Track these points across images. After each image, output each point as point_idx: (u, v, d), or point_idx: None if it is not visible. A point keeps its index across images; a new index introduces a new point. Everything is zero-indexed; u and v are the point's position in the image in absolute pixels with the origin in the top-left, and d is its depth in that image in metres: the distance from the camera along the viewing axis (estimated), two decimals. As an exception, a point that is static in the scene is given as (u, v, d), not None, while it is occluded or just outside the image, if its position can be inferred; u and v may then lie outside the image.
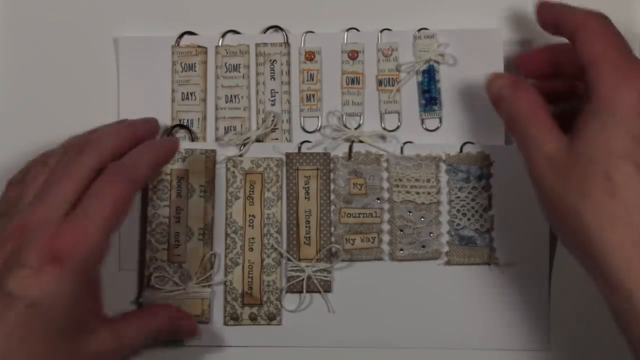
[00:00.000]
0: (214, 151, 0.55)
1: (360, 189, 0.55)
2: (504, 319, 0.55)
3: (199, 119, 0.56)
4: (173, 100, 0.56)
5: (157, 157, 0.49)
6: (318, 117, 0.56)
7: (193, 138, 0.56)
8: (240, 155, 0.55)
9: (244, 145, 0.55)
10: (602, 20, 0.47)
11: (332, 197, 0.55)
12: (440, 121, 0.56)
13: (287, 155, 0.55)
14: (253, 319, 0.55)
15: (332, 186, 0.55)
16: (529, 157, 0.47)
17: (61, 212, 0.44)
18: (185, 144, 0.55)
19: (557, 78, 0.52)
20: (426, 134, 0.56)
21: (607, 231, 0.42)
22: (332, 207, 0.55)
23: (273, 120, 0.56)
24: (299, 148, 0.55)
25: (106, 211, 0.45)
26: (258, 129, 0.56)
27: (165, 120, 0.56)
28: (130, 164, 0.47)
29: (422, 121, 0.56)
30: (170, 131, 0.56)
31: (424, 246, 0.55)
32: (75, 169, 0.46)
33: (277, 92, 0.56)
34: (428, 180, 0.55)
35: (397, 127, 0.56)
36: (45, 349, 0.43)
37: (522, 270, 0.55)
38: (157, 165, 0.50)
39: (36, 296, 0.42)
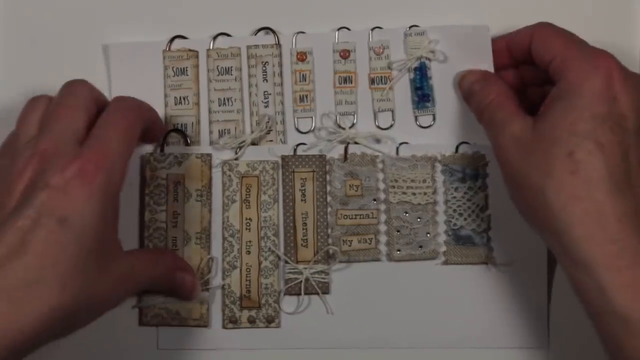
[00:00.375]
0: (209, 155, 0.55)
1: (356, 191, 0.55)
2: (502, 318, 0.55)
3: (192, 123, 0.56)
4: (166, 105, 0.56)
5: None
6: (312, 117, 0.56)
7: (188, 142, 0.56)
8: (236, 159, 0.55)
9: (240, 148, 0.55)
10: (549, 24, 0.51)
11: (329, 198, 0.55)
12: (434, 118, 0.56)
13: (283, 157, 0.55)
14: (252, 321, 0.55)
15: (328, 188, 0.55)
16: (496, 140, 0.49)
17: (74, 140, 0.46)
18: (180, 149, 0.55)
19: (522, 66, 0.54)
20: (420, 131, 0.56)
21: (570, 207, 0.44)
22: (329, 209, 0.55)
23: (268, 123, 0.55)
24: (295, 150, 0.55)
25: (121, 137, 0.47)
26: (252, 132, 0.56)
27: (159, 125, 0.56)
28: (134, 101, 0.51)
29: (416, 118, 0.56)
30: (165, 136, 0.55)
31: (421, 246, 0.55)
32: (80, 101, 0.48)
33: (270, 94, 0.56)
34: (424, 181, 0.55)
35: (391, 125, 0.56)
36: (77, 268, 0.43)
37: (519, 269, 0.55)
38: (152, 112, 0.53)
39: (67, 213, 0.43)
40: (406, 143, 0.55)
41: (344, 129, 0.55)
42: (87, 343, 0.55)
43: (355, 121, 0.56)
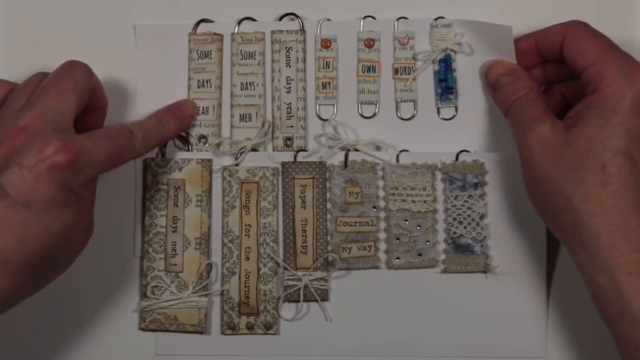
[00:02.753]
0: (210, 161, 0.55)
1: (356, 198, 0.55)
2: (500, 327, 0.55)
3: (214, 106, 0.56)
4: (189, 88, 0.56)
5: None
6: (334, 104, 0.56)
7: (189, 148, 0.56)
8: (236, 165, 0.55)
9: (240, 154, 0.55)
10: (582, 23, 0.50)
11: (329, 205, 0.55)
12: (456, 110, 0.56)
13: (283, 164, 0.55)
14: (250, 328, 0.55)
15: (328, 195, 0.55)
16: (523, 137, 0.49)
17: (57, 122, 0.46)
18: (181, 154, 0.55)
19: (550, 64, 0.54)
20: (442, 123, 0.56)
21: (597, 217, 0.46)
22: (329, 216, 0.55)
23: (269, 127, 0.56)
24: (295, 157, 0.55)
25: (104, 137, 0.47)
26: (256, 136, 0.56)
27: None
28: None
29: (438, 110, 0.56)
30: (166, 142, 0.55)
31: (420, 254, 0.55)
32: (73, 84, 0.48)
33: (292, 80, 0.56)
34: (424, 189, 0.55)
35: (413, 116, 0.56)
36: (41, 250, 0.44)
37: (518, 278, 0.55)
38: None
39: (32, 197, 0.43)
40: (406, 151, 0.55)
41: (345, 138, 0.56)
42: (86, 348, 0.55)
43: (377, 110, 0.56)
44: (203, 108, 0.56)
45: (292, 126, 0.56)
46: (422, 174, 0.55)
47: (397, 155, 0.55)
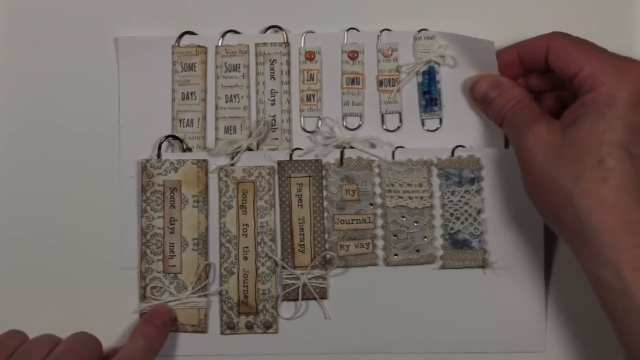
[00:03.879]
0: (205, 161, 0.55)
1: (353, 195, 0.55)
2: (499, 322, 0.55)
3: (199, 119, 0.56)
4: (173, 101, 0.56)
5: None
6: (318, 117, 0.56)
7: (185, 149, 0.56)
8: (232, 165, 0.55)
9: (236, 154, 0.55)
10: (564, 34, 0.50)
11: (326, 204, 0.55)
12: (441, 122, 0.56)
13: (279, 163, 0.55)
14: (250, 327, 0.55)
15: (325, 193, 0.55)
16: (521, 141, 0.49)
17: None
18: (177, 155, 0.55)
19: (533, 74, 0.54)
20: (427, 135, 0.56)
21: (598, 213, 0.45)
22: (326, 214, 0.55)
23: (265, 127, 0.55)
24: (291, 156, 0.55)
25: None
26: (250, 136, 0.56)
27: (166, 120, 0.56)
28: None
29: (423, 122, 0.56)
30: (162, 141, 0.55)
31: (418, 251, 0.55)
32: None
33: (277, 92, 0.56)
34: (420, 185, 0.55)
35: (398, 128, 0.56)
36: None
37: (517, 272, 0.55)
38: None
39: None
40: (402, 147, 0.55)
41: (341, 135, 0.55)
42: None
43: (361, 123, 0.56)
44: (188, 121, 0.56)
45: (276, 139, 0.56)
46: (419, 171, 0.55)
47: (393, 152, 0.55)
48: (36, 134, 0.56)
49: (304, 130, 0.56)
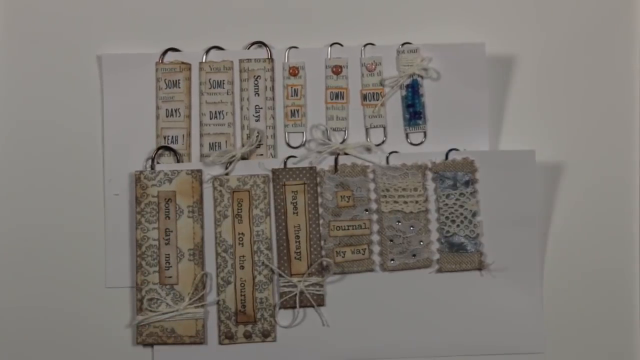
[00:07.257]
0: (199, 171, 0.55)
1: (347, 201, 0.55)
2: (498, 323, 0.55)
3: (183, 135, 0.56)
4: (157, 117, 0.56)
5: None
6: (303, 132, 0.56)
7: (178, 159, 0.56)
8: (227, 174, 0.55)
9: (230, 163, 0.55)
10: None
11: (321, 210, 0.55)
12: (425, 135, 0.56)
13: (273, 171, 0.55)
14: (248, 336, 0.55)
15: (319, 200, 0.55)
16: None
17: None
18: (170, 166, 0.55)
19: None
20: (411, 148, 0.56)
21: None
22: (321, 221, 0.55)
23: (258, 136, 0.56)
24: (285, 163, 0.55)
25: None
26: (243, 145, 0.56)
27: (150, 137, 0.56)
28: None
29: (407, 135, 0.56)
30: (156, 153, 0.55)
31: (414, 255, 0.55)
32: None
33: (261, 108, 0.56)
34: (415, 189, 0.55)
35: (383, 142, 0.56)
36: None
37: (513, 273, 0.55)
38: None
39: None
40: (396, 152, 0.56)
41: (334, 142, 0.56)
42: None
43: (346, 137, 0.56)
44: (172, 137, 0.56)
45: (261, 154, 0.56)
46: (413, 175, 0.55)
47: (387, 157, 0.55)
48: (21, 154, 0.56)
49: (289, 145, 0.56)
